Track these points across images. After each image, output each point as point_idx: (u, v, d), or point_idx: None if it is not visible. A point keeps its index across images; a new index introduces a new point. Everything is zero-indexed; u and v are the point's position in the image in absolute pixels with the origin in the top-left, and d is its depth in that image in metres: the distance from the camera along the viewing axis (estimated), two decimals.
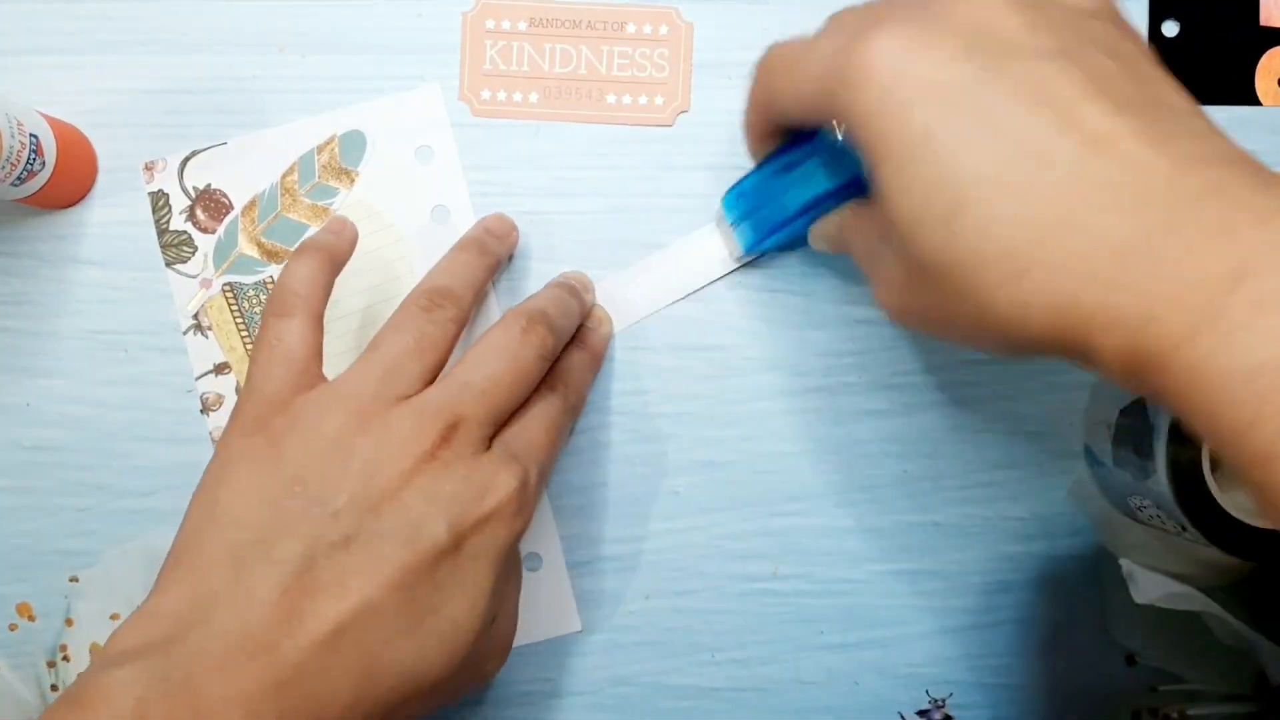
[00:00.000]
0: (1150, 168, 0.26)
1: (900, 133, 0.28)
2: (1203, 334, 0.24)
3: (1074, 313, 0.26)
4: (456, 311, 0.37)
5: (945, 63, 0.27)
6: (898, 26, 0.28)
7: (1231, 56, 0.44)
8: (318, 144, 0.44)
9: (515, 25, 0.44)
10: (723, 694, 0.44)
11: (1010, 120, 0.27)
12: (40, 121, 0.41)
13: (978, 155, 0.27)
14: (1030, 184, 0.26)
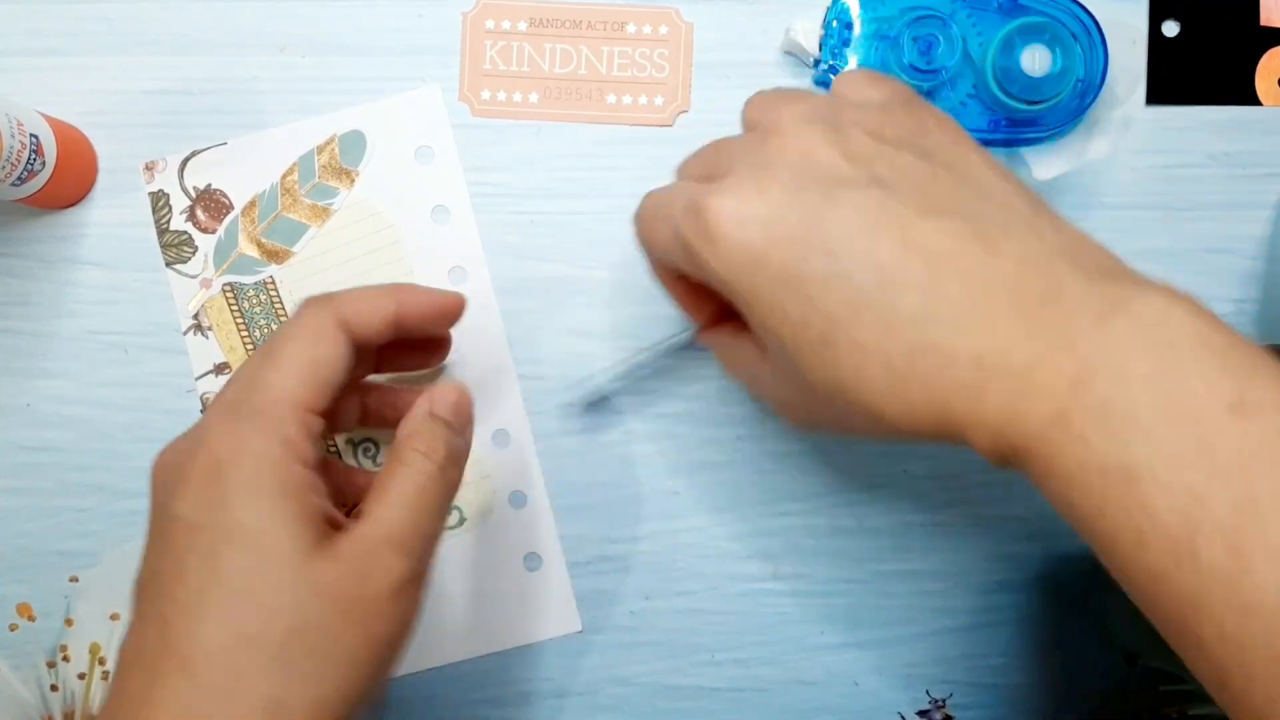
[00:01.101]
0: (991, 279, 0.28)
1: (760, 281, 0.30)
2: (1053, 438, 0.27)
3: (949, 416, 0.29)
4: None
5: (778, 212, 0.30)
6: (732, 184, 0.31)
7: (1231, 57, 0.44)
8: (318, 144, 0.44)
9: (515, 25, 0.44)
10: (723, 694, 0.44)
11: (855, 253, 0.29)
12: (40, 122, 0.41)
13: (838, 290, 0.29)
14: (890, 309, 0.29)
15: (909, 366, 0.29)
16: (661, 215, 0.33)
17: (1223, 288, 0.44)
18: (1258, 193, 0.44)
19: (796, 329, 0.30)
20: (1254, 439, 0.26)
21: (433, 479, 0.34)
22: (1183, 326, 0.27)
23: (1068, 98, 0.42)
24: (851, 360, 0.29)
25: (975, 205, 0.30)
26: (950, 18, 0.42)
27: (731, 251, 0.30)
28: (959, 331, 0.28)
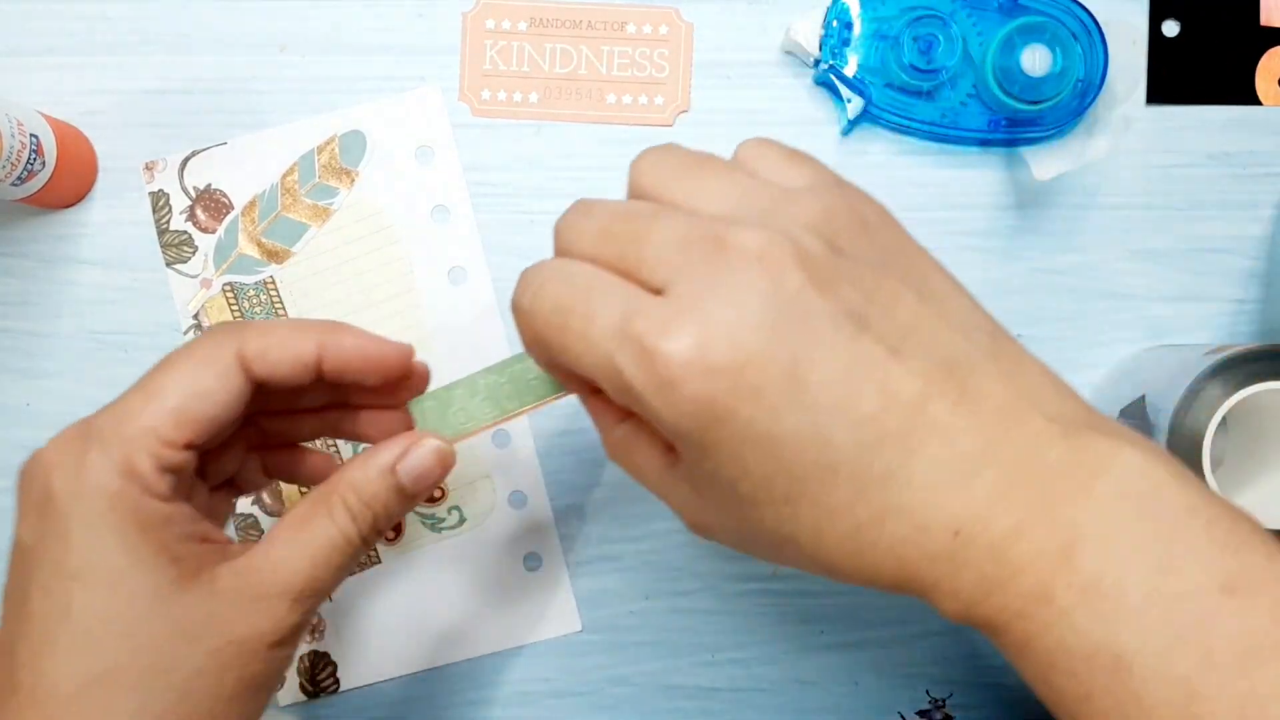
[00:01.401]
0: (966, 434, 0.26)
1: (722, 436, 0.26)
2: (1035, 615, 0.25)
3: (918, 580, 0.27)
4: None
5: (754, 359, 0.26)
6: (686, 321, 0.26)
7: (1232, 56, 0.44)
8: (318, 144, 0.44)
9: (515, 25, 0.44)
10: (723, 694, 0.44)
11: (832, 406, 0.26)
12: (40, 122, 0.41)
13: (810, 448, 0.26)
14: (864, 469, 0.26)
15: (878, 531, 0.27)
16: (580, 328, 0.28)
17: (1223, 288, 0.44)
18: (1258, 192, 0.44)
19: (756, 486, 0.27)
20: (1249, 623, 0.24)
21: (350, 542, 0.32)
22: (1169, 494, 0.26)
23: (1068, 97, 0.42)
24: (814, 519, 0.27)
25: (940, 331, 0.27)
26: (950, 17, 0.42)
27: (692, 405, 0.26)
28: (935, 498, 0.26)
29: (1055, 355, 0.44)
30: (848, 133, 0.44)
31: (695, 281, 0.26)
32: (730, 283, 0.26)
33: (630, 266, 0.28)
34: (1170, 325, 0.44)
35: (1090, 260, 0.44)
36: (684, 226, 0.27)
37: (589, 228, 0.29)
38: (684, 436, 0.27)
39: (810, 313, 0.26)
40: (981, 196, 0.44)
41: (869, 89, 0.43)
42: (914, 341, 0.27)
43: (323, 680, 0.43)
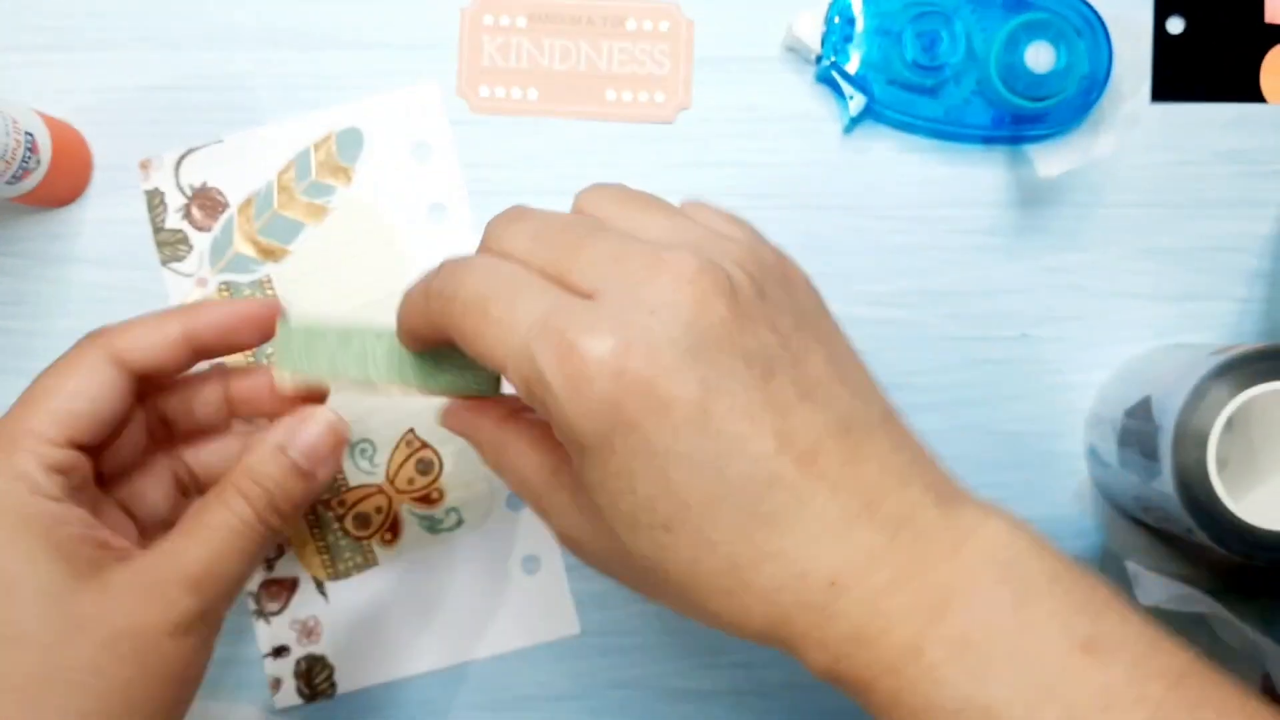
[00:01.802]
0: (853, 490, 0.27)
1: (618, 443, 0.27)
2: (903, 671, 0.26)
3: (786, 628, 0.27)
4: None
5: (670, 374, 0.26)
6: (610, 325, 0.26)
7: (1236, 53, 0.44)
8: (314, 141, 0.44)
9: (514, 21, 0.44)
10: (723, 697, 0.44)
11: (733, 440, 0.26)
12: (35, 119, 0.41)
13: (701, 477, 0.27)
14: (751, 507, 0.27)
15: (754, 573, 0.27)
16: (499, 319, 0.28)
17: (1228, 286, 0.44)
18: (1264, 190, 0.44)
19: (639, 505, 0.27)
20: (1108, 679, 0.25)
21: (248, 526, 0.32)
22: (1031, 562, 0.27)
23: (1072, 94, 0.41)
24: (691, 552, 0.27)
25: (841, 392, 0.28)
26: (954, 13, 0.42)
27: (598, 405, 0.26)
28: (815, 547, 0.27)
29: (1060, 355, 0.44)
30: (850, 130, 0.44)
31: (626, 290, 0.27)
32: (660, 297, 0.27)
33: (561, 271, 0.28)
34: (1176, 325, 0.44)
35: (1095, 259, 0.44)
36: (621, 241, 0.28)
37: (523, 229, 0.29)
38: (581, 438, 0.27)
39: (729, 344, 0.27)
40: (985, 194, 0.44)
41: (871, 86, 0.43)
42: (817, 396, 0.28)
43: (319, 684, 0.43)
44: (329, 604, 0.43)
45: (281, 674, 0.43)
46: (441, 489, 0.44)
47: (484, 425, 0.33)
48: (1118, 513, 0.44)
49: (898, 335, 0.44)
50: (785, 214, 0.44)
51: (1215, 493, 0.36)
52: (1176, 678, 0.26)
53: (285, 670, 0.43)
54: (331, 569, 0.43)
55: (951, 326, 0.44)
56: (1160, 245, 0.44)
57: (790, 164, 0.44)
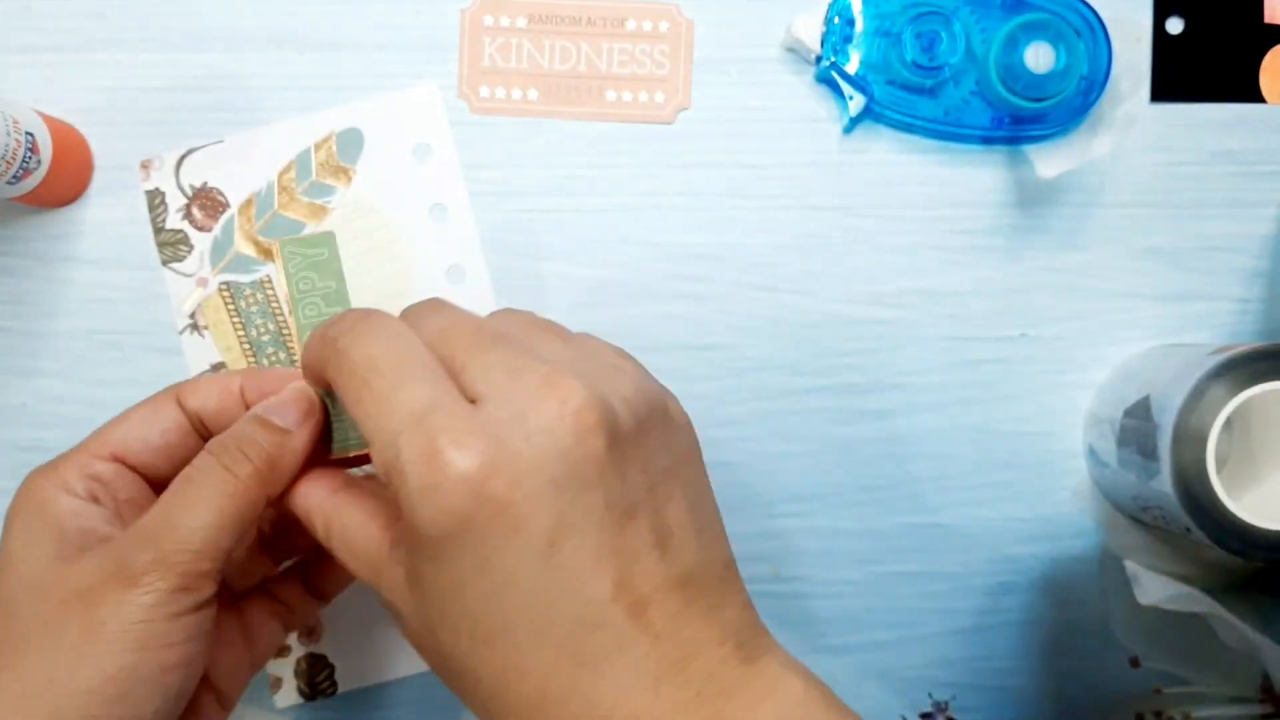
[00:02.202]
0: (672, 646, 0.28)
1: (460, 554, 0.27)
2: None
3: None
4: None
5: (529, 498, 0.27)
6: (483, 440, 0.27)
7: (1236, 54, 0.44)
8: (315, 141, 0.44)
9: (514, 22, 0.44)
10: None
11: (573, 577, 0.27)
12: (36, 119, 0.41)
13: (532, 606, 0.27)
14: (573, 645, 0.27)
15: (560, 708, 0.28)
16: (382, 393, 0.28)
17: (1226, 287, 0.44)
18: (1262, 191, 0.44)
19: (464, 613, 0.28)
20: None
21: (231, 485, 0.33)
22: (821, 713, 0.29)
23: (1071, 95, 0.41)
24: (505, 673, 0.28)
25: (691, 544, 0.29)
26: (953, 14, 0.42)
27: (449, 515, 0.27)
28: (624, 696, 0.27)
29: (1058, 355, 0.44)
30: (849, 130, 0.44)
31: (510, 406, 0.28)
32: (541, 422, 0.27)
33: (457, 368, 0.29)
34: (1175, 324, 0.44)
35: (1094, 259, 0.44)
36: (520, 357, 0.29)
37: (433, 323, 0.30)
38: (425, 539, 0.27)
39: (595, 483, 0.27)
40: (984, 195, 0.44)
41: (871, 86, 0.43)
42: (668, 546, 0.29)
43: (320, 683, 0.43)
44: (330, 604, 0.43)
45: (282, 673, 0.43)
46: None
47: (314, 493, 0.33)
48: (1117, 512, 0.44)
49: (897, 335, 0.44)
50: (785, 214, 0.44)
51: (1214, 492, 0.36)
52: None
53: (286, 669, 0.43)
54: None
55: (950, 326, 0.44)
56: (1159, 245, 0.44)
57: (790, 164, 0.44)
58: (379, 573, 0.31)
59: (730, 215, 0.44)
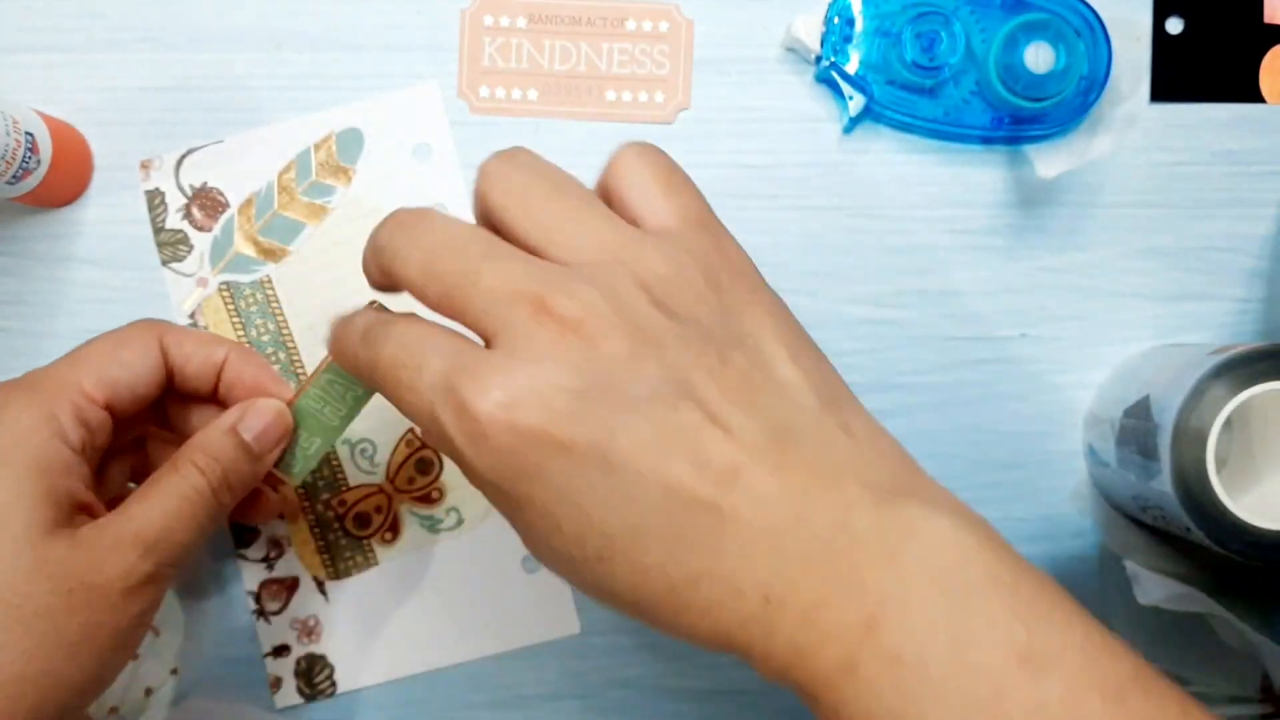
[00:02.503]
0: (779, 506, 0.27)
1: (533, 492, 0.27)
2: (841, 685, 0.26)
3: (732, 643, 0.27)
4: None
5: (561, 420, 0.26)
6: (500, 375, 0.27)
7: (1236, 54, 0.44)
8: (315, 141, 0.44)
9: (514, 22, 0.44)
10: (724, 696, 0.44)
11: (640, 473, 0.26)
12: (36, 119, 0.41)
13: (618, 509, 0.27)
14: (674, 533, 0.27)
15: (693, 593, 0.27)
16: (410, 382, 0.28)
17: (1227, 287, 0.44)
18: (1262, 191, 0.44)
19: (569, 542, 0.27)
20: (1043, 694, 0.25)
21: (201, 495, 0.34)
22: (973, 564, 0.26)
23: (1071, 95, 0.41)
24: (629, 579, 0.27)
25: (767, 397, 0.28)
26: (953, 14, 0.42)
27: (500, 459, 0.27)
28: (746, 563, 0.27)
29: (1058, 355, 0.44)
30: (849, 130, 0.44)
31: (514, 340, 0.27)
32: (544, 348, 0.27)
33: (457, 309, 0.28)
34: (1174, 324, 0.44)
35: (1094, 259, 0.44)
36: (511, 279, 0.28)
37: (415, 257, 0.29)
38: (494, 490, 0.28)
39: (625, 380, 0.27)
40: (984, 194, 0.44)
41: (871, 86, 0.43)
42: (736, 408, 0.27)
43: (319, 683, 0.43)
44: (329, 603, 0.43)
45: (282, 673, 0.43)
46: (441, 488, 0.44)
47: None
48: (1116, 512, 0.44)
49: (897, 335, 0.44)
50: (784, 214, 0.44)
51: (1214, 492, 0.36)
52: (1115, 692, 0.25)
53: (285, 669, 0.43)
54: (332, 568, 0.43)
55: (950, 326, 0.44)
56: (1159, 245, 0.44)
57: (789, 164, 0.44)
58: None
59: (730, 215, 0.44)
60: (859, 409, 0.30)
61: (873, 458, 0.28)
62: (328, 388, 0.37)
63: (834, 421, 0.28)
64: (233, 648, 0.43)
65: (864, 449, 0.28)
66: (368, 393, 0.37)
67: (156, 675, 0.43)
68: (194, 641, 0.43)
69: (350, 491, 0.44)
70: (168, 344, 0.37)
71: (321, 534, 0.43)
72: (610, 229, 0.29)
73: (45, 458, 0.33)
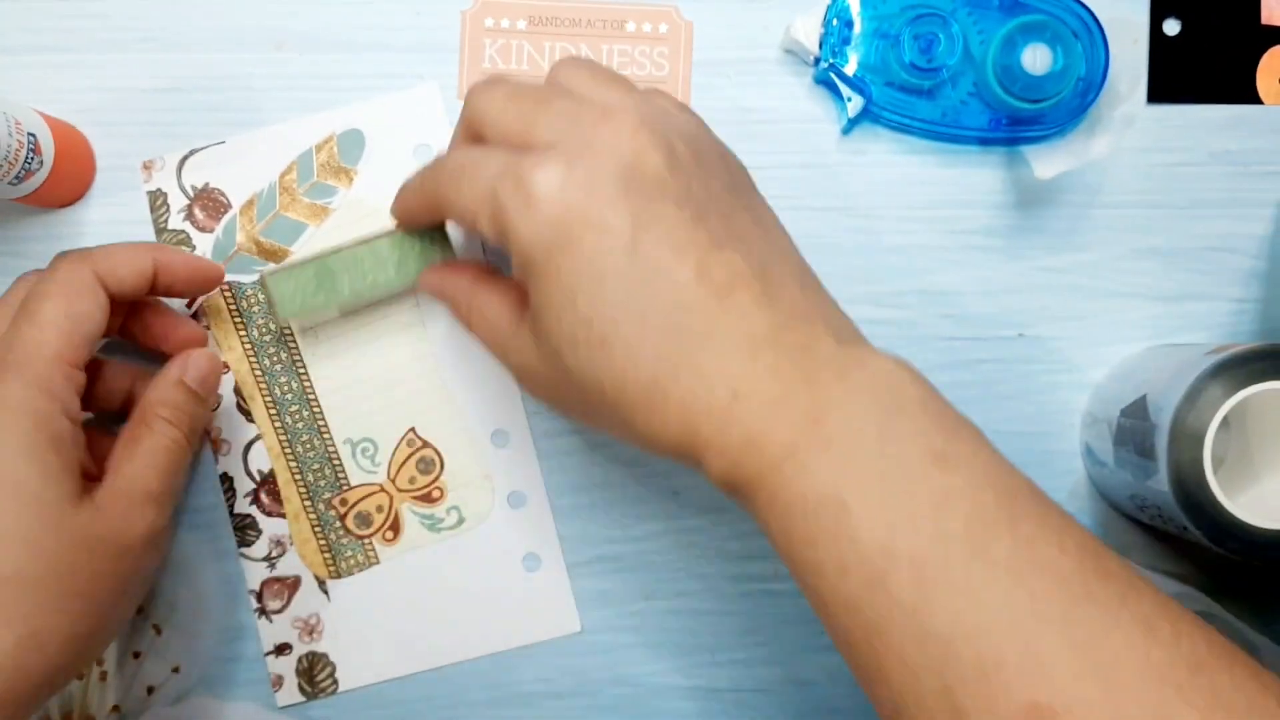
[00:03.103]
0: (760, 321, 0.31)
1: (563, 264, 0.31)
2: (784, 469, 0.30)
3: (694, 438, 0.31)
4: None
5: (607, 202, 0.31)
6: (559, 161, 0.32)
7: (1233, 55, 0.44)
8: (316, 143, 0.44)
9: (515, 24, 0.44)
10: (723, 694, 0.44)
11: (659, 266, 0.31)
12: (38, 120, 0.41)
13: (631, 296, 0.31)
14: (672, 327, 0.31)
15: (672, 383, 0.31)
16: (471, 175, 0.34)
17: (1224, 287, 0.44)
18: (1260, 191, 0.44)
19: (578, 323, 0.31)
20: (948, 485, 0.29)
21: (179, 445, 0.38)
22: (908, 390, 0.31)
23: (1069, 96, 0.42)
24: (622, 366, 0.31)
25: (762, 246, 0.33)
26: (951, 16, 0.42)
27: (546, 223, 0.31)
28: (723, 363, 0.31)
29: (1056, 354, 0.44)
30: (848, 132, 0.44)
31: (577, 139, 0.32)
32: (604, 144, 0.32)
33: (526, 126, 0.33)
34: (1172, 324, 0.44)
35: (1091, 259, 0.44)
36: (579, 102, 0.33)
37: (499, 91, 0.35)
38: (532, 258, 0.32)
39: (661, 190, 0.32)
40: (982, 195, 0.44)
41: (869, 87, 0.43)
42: (738, 246, 0.32)
43: (321, 681, 0.43)
44: (331, 602, 0.44)
45: (283, 671, 0.43)
46: (442, 488, 0.44)
47: (460, 282, 0.38)
48: (1114, 511, 0.44)
49: (895, 335, 0.44)
50: (783, 215, 0.44)
51: (1211, 491, 0.36)
52: (1009, 492, 0.29)
53: (287, 668, 0.43)
54: (333, 567, 0.44)
55: (948, 327, 0.44)
56: (1156, 245, 0.44)
57: (788, 165, 0.44)
58: (508, 339, 0.35)
59: None
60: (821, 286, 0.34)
61: (836, 317, 0.33)
62: (354, 262, 0.40)
63: (812, 281, 0.34)
64: (234, 646, 0.44)
65: (832, 308, 0.34)
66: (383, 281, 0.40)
67: (158, 673, 0.43)
68: (196, 640, 0.43)
69: (352, 491, 0.44)
70: (103, 275, 0.37)
71: (323, 533, 0.44)
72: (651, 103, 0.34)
73: (56, 433, 0.35)
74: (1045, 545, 0.28)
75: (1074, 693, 0.26)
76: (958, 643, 0.27)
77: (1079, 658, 0.26)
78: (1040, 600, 0.27)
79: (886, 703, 0.29)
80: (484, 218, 0.33)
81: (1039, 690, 0.26)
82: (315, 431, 0.44)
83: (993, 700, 0.26)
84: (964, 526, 0.28)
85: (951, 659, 0.27)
